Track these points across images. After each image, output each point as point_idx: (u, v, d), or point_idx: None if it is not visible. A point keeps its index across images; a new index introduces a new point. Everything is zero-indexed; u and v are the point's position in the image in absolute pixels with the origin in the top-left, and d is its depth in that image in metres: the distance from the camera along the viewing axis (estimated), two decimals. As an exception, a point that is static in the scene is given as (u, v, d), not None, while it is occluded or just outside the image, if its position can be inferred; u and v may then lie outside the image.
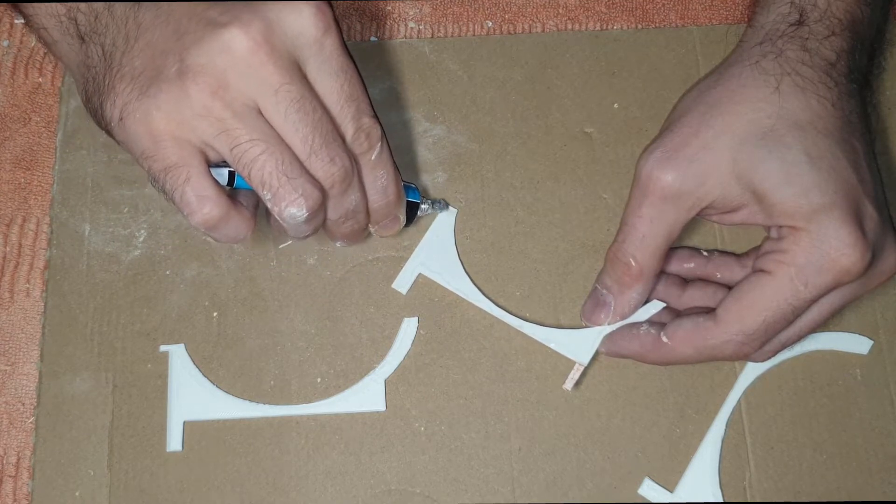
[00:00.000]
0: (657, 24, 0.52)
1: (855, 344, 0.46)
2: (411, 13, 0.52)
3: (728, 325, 0.40)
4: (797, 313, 0.40)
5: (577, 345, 0.45)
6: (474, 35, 0.52)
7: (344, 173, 0.39)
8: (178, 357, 0.45)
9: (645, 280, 0.43)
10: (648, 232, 0.41)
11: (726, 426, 0.44)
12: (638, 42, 0.51)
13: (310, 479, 0.44)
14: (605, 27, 0.52)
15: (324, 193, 0.39)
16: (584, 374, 0.45)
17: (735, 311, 0.40)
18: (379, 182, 0.41)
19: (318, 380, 0.45)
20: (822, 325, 0.42)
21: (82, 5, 0.39)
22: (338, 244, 0.45)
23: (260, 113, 0.38)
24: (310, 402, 0.45)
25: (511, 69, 0.50)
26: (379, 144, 0.41)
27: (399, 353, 0.45)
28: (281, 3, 0.37)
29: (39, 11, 0.40)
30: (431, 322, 0.46)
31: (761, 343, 0.41)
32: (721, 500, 0.43)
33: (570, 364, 0.45)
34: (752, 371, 0.45)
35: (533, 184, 0.48)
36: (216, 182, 0.38)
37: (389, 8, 0.52)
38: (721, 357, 0.42)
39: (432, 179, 0.48)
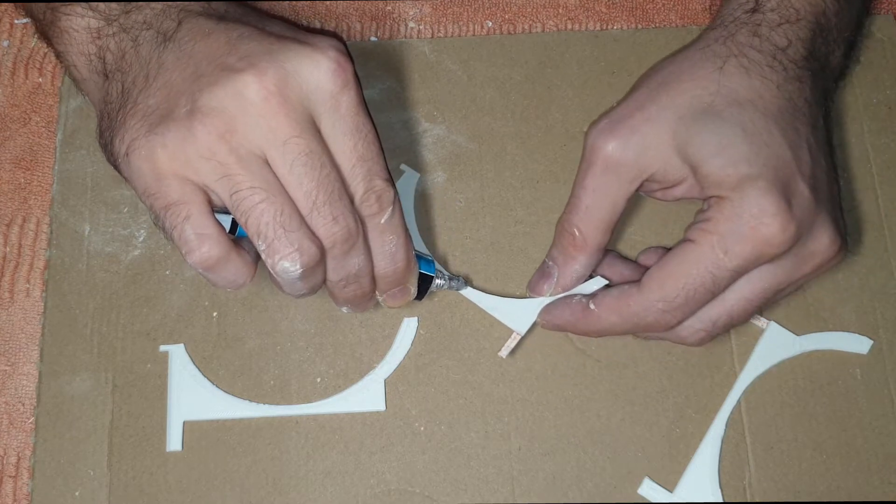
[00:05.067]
0: (657, 24, 0.52)
1: (855, 344, 0.46)
2: (411, 13, 0.52)
3: (650, 292, 0.40)
4: (718, 283, 0.40)
5: (518, 314, 0.45)
6: (474, 35, 0.52)
7: (346, 234, 0.38)
8: (178, 357, 0.45)
9: (589, 252, 0.43)
10: (592, 203, 0.41)
11: (726, 426, 0.44)
12: (638, 42, 0.51)
13: (310, 479, 0.44)
14: (605, 27, 0.52)
15: (322, 252, 0.38)
16: (520, 343, 0.45)
17: (657, 278, 0.40)
18: (387, 247, 0.41)
19: (318, 380, 0.45)
20: (759, 307, 0.41)
21: (111, 45, 0.40)
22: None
23: (266, 163, 0.37)
24: (310, 401, 0.45)
25: (511, 69, 0.50)
26: (390, 208, 0.40)
27: (399, 353, 0.45)
28: (301, 54, 0.37)
29: (71, 49, 0.41)
30: (431, 322, 0.46)
31: (683, 313, 0.40)
32: (721, 500, 0.43)
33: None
34: (751, 371, 0.45)
35: (533, 183, 0.48)
36: (217, 222, 0.38)
37: (389, 8, 0.52)
38: (645, 326, 0.41)
39: (432, 179, 0.48)
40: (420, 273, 0.43)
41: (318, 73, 0.37)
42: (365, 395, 0.45)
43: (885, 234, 0.47)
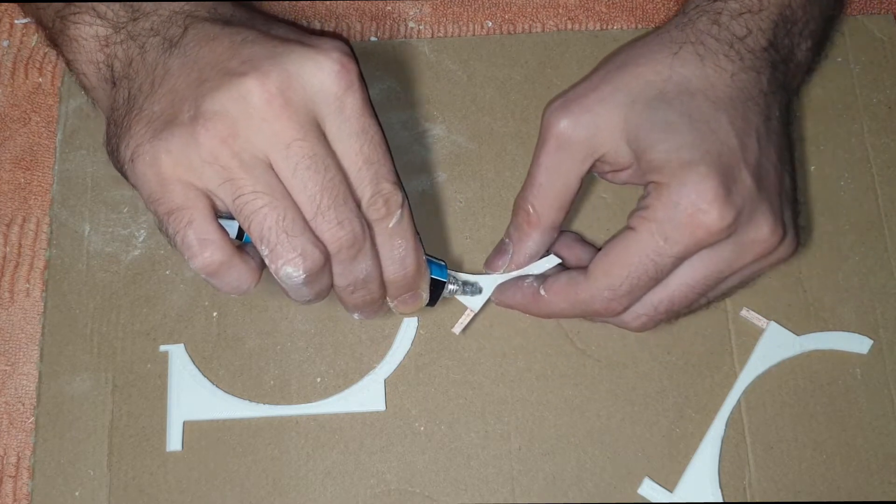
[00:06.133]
0: (657, 24, 0.52)
1: (855, 344, 0.46)
2: (411, 13, 0.52)
3: (596, 280, 0.40)
4: (661, 270, 0.39)
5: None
6: (474, 35, 0.52)
7: (352, 238, 0.38)
8: (178, 357, 0.45)
9: (542, 230, 0.43)
10: (545, 181, 0.42)
11: (726, 426, 0.44)
12: (638, 42, 0.51)
13: (310, 479, 0.44)
14: (605, 27, 0.52)
15: (327, 257, 0.38)
16: (473, 319, 0.45)
17: (602, 267, 0.40)
18: (396, 252, 0.40)
19: (318, 380, 0.45)
20: (701, 294, 0.41)
21: (119, 52, 0.40)
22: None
23: (270, 167, 0.37)
24: (310, 401, 0.45)
25: (511, 69, 0.50)
26: (399, 212, 0.39)
27: (399, 353, 0.45)
28: (304, 56, 0.37)
29: (80, 58, 0.41)
30: (431, 322, 0.46)
31: (629, 300, 0.40)
32: (721, 500, 0.43)
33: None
34: (751, 371, 0.45)
35: (533, 184, 0.48)
36: (221, 227, 0.37)
37: (389, 8, 0.52)
38: (593, 313, 0.42)
39: (432, 179, 0.48)
40: (432, 278, 0.43)
41: (321, 75, 0.37)
42: (365, 395, 0.45)
43: (885, 234, 0.47)
